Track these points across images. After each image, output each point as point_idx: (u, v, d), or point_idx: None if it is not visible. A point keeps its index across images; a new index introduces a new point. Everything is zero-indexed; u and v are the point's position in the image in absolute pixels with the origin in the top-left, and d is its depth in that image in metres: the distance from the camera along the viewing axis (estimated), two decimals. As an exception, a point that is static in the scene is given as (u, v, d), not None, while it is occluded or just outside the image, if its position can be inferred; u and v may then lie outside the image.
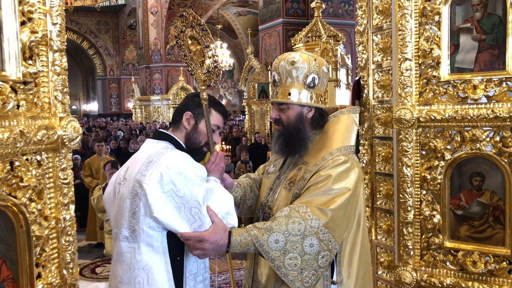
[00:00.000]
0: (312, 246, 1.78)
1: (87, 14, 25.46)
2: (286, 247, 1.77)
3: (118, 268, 1.80)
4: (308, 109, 2.01)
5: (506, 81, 2.08)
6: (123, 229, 1.76)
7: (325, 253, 1.81)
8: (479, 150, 2.13)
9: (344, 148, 1.96)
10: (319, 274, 1.84)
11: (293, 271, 1.79)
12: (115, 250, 1.85)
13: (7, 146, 1.32)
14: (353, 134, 2.03)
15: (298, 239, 1.77)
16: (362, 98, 2.64)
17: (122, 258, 1.77)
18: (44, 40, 1.49)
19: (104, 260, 6.39)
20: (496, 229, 2.16)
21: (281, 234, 1.77)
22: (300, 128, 2.01)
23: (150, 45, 19.02)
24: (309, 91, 1.98)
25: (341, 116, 2.06)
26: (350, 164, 1.91)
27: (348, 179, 1.89)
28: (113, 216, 1.87)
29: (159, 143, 1.89)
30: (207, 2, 18.83)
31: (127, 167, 1.87)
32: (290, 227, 1.77)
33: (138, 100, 19.38)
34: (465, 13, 2.17)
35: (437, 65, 2.21)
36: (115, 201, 1.85)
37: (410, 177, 2.27)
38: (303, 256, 1.78)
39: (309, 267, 1.80)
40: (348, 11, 11.03)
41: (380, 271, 2.63)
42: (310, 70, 1.96)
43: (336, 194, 1.84)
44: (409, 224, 2.29)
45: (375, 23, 2.54)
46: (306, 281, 1.80)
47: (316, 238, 1.78)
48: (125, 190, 1.77)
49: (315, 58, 2.00)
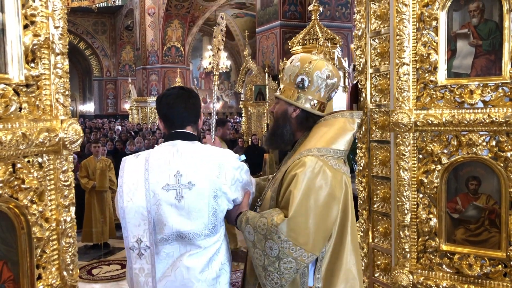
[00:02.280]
0: (272, 250, 1.78)
1: (84, 14, 25.40)
2: (255, 241, 1.84)
3: (193, 262, 1.90)
4: (294, 108, 2.02)
5: (502, 86, 2.10)
6: (197, 229, 1.88)
7: (288, 260, 1.77)
8: (476, 154, 2.16)
9: (318, 149, 1.89)
10: (287, 279, 1.81)
11: (259, 266, 1.84)
12: (177, 252, 1.90)
13: (9, 148, 1.33)
14: (342, 138, 1.95)
15: (261, 238, 1.81)
16: (359, 102, 2.66)
17: (201, 252, 1.91)
18: (46, 43, 1.50)
19: (101, 261, 6.38)
20: (492, 233, 2.19)
21: (251, 228, 1.85)
22: (281, 124, 2.05)
23: (147, 46, 19.01)
24: (298, 92, 2.00)
25: (332, 119, 2.02)
26: (311, 168, 1.83)
27: (303, 183, 1.81)
28: (175, 220, 1.87)
29: (195, 143, 1.99)
30: (204, 3, 18.85)
31: (177, 170, 1.87)
32: (258, 224, 1.82)
33: (135, 101, 19.35)
34: (462, 19, 2.20)
35: (434, 70, 2.23)
36: (178, 207, 1.87)
37: (407, 181, 2.29)
38: (266, 255, 1.81)
39: (272, 269, 1.80)
40: (345, 14, 11.08)
41: (377, 274, 2.65)
42: (301, 71, 1.98)
43: (292, 200, 1.80)
44: (405, 227, 2.32)
45: (373, 28, 2.56)
46: (270, 280, 1.82)
47: (275, 243, 1.77)
48: (196, 195, 1.87)
49: (311, 61, 2.00)
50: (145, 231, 1.85)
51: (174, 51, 18.99)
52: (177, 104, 2.00)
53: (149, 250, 1.85)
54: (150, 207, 1.85)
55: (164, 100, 2.02)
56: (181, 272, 1.87)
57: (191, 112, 2.03)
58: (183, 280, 1.86)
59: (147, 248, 1.85)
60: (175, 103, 1.99)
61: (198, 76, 29.25)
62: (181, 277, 1.86)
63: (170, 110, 1.99)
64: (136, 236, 1.85)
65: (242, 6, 22.60)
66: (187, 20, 18.90)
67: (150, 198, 1.85)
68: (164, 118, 2.02)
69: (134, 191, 1.86)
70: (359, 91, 2.67)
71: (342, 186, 1.90)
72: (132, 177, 1.88)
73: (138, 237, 1.85)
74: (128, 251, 1.87)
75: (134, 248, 1.86)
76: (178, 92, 2.05)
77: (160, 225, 1.86)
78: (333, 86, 2.03)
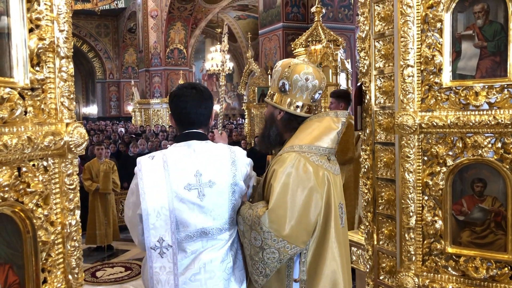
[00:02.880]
0: (256, 240, 1.88)
1: (87, 17, 25.48)
2: (244, 231, 1.94)
3: (215, 254, 1.99)
4: (279, 111, 2.15)
5: (507, 88, 2.09)
6: (220, 225, 1.99)
7: (271, 251, 1.85)
8: (481, 156, 2.15)
9: (300, 146, 2.00)
10: (271, 269, 1.90)
11: (247, 256, 1.94)
12: (200, 248, 1.98)
13: (15, 152, 1.33)
14: (326, 136, 2.05)
15: (248, 229, 1.91)
16: (364, 104, 2.66)
17: (221, 244, 2.01)
18: (51, 46, 1.50)
19: (104, 264, 6.39)
20: (498, 235, 2.17)
21: (241, 219, 1.97)
22: (268, 126, 2.20)
23: (150, 48, 19.04)
24: (281, 95, 2.12)
25: (318, 119, 2.12)
26: (291, 163, 1.94)
27: (282, 177, 1.91)
28: (199, 218, 1.95)
29: (208, 143, 2.08)
30: (207, 6, 18.87)
31: (196, 170, 1.96)
32: (245, 215, 1.93)
33: (138, 104, 19.38)
34: (467, 20, 2.19)
35: (439, 71, 2.23)
36: (201, 205, 1.95)
37: (412, 183, 2.29)
38: (251, 245, 1.91)
39: (257, 259, 1.89)
40: (348, 15, 11.06)
41: (382, 276, 2.64)
42: (282, 76, 2.10)
43: (272, 193, 1.90)
44: (411, 230, 2.31)
45: (377, 30, 2.55)
46: (256, 269, 1.91)
47: (258, 234, 1.86)
48: (217, 193, 1.98)
49: (290, 65, 2.10)
50: (167, 230, 1.90)
51: (177, 53, 19.02)
52: (192, 105, 2.05)
53: (171, 249, 1.91)
54: (173, 207, 1.91)
55: (177, 101, 2.07)
56: (204, 264, 1.95)
57: (205, 113, 2.09)
58: (206, 271, 1.94)
59: (169, 247, 1.91)
60: (191, 105, 2.05)
61: (200, 78, 29.29)
62: (204, 268, 1.94)
63: (185, 110, 2.05)
64: (158, 236, 1.90)
65: (244, 8, 22.61)
66: (190, 22, 18.93)
67: (172, 198, 1.91)
68: (178, 117, 2.08)
69: (157, 193, 1.90)
70: (363, 93, 2.66)
71: (325, 181, 1.99)
72: (152, 178, 1.92)
73: (160, 237, 1.90)
74: (149, 251, 1.92)
75: (156, 247, 1.91)
76: (192, 93, 2.07)
77: (184, 223, 1.92)
78: (314, 87, 2.11)
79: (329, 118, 2.10)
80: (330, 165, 2.07)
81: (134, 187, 1.97)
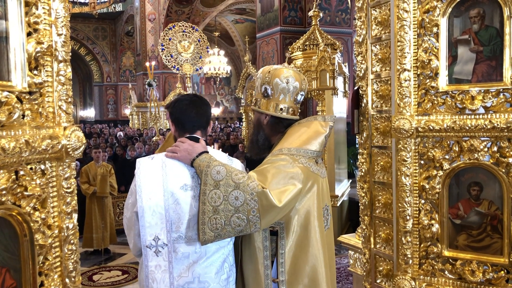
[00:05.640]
0: (237, 200, 1.87)
1: (84, 20, 25.48)
2: (221, 183, 1.88)
3: (209, 264, 2.01)
4: (264, 116, 2.21)
5: (503, 92, 2.11)
6: None
7: (242, 218, 1.87)
8: (477, 160, 2.16)
9: (289, 149, 2.04)
10: (227, 231, 1.89)
11: (211, 206, 1.87)
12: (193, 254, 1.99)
13: (13, 156, 1.33)
14: (314, 140, 2.10)
15: (231, 184, 1.88)
16: (361, 108, 2.67)
17: (215, 254, 2.02)
18: (49, 50, 1.50)
19: (101, 267, 6.37)
20: (494, 239, 2.18)
21: (225, 171, 1.91)
22: (256, 131, 2.26)
23: (148, 51, 19.05)
24: (265, 100, 2.19)
25: (306, 123, 2.17)
26: (281, 161, 2.00)
27: (274, 165, 1.99)
28: (189, 219, 1.97)
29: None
30: (204, 9, 18.90)
31: (194, 171, 1.99)
32: (234, 174, 1.90)
33: (135, 107, 19.35)
34: (463, 25, 2.21)
35: (435, 75, 2.24)
36: (190, 205, 1.97)
37: (408, 187, 2.30)
38: (226, 201, 1.87)
39: (223, 214, 1.87)
40: (345, 19, 11.09)
41: (379, 280, 2.64)
42: (263, 81, 2.18)
43: (271, 169, 1.96)
44: (407, 233, 2.31)
45: (374, 34, 2.56)
46: (213, 224, 1.87)
47: (244, 197, 1.86)
48: None
49: (270, 70, 2.17)
50: (162, 229, 1.94)
51: (174, 56, 19.00)
52: (189, 110, 2.12)
53: (166, 248, 1.94)
54: (168, 206, 1.94)
55: (177, 105, 2.14)
56: (198, 274, 1.96)
57: (202, 118, 2.16)
58: (200, 281, 1.96)
59: (164, 245, 1.94)
60: (188, 109, 2.12)
61: (198, 82, 29.29)
62: (198, 278, 1.96)
63: (183, 115, 2.12)
64: (153, 234, 1.94)
65: (242, 12, 22.66)
66: (188, 25, 18.92)
67: (168, 198, 1.95)
68: (176, 122, 2.14)
69: (153, 191, 1.95)
70: (360, 97, 2.67)
71: (310, 179, 2.04)
72: (150, 177, 1.97)
73: (155, 235, 1.94)
74: (145, 249, 1.95)
75: (151, 246, 1.94)
76: (191, 98, 2.18)
77: (177, 223, 1.95)
78: (295, 89, 2.18)
79: (317, 123, 2.15)
80: (318, 167, 2.12)
81: (133, 188, 2.02)
